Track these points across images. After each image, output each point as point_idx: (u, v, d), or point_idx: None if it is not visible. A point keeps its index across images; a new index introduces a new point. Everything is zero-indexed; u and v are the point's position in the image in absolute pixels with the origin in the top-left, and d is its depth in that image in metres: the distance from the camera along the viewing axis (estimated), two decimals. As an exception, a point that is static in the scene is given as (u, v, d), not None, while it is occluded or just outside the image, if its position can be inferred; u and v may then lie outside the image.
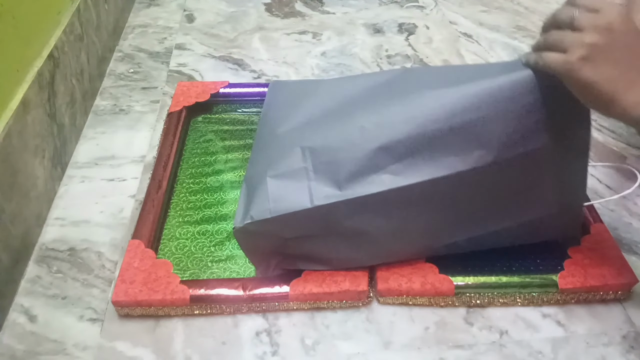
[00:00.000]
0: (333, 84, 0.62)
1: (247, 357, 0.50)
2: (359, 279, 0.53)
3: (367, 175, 0.49)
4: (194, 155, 0.70)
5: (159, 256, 0.57)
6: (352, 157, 0.50)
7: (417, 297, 0.54)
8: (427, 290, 0.53)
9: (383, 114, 0.51)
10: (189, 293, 0.52)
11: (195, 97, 0.75)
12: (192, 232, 0.61)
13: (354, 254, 0.53)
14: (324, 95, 0.59)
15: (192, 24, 0.99)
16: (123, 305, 0.52)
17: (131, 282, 0.52)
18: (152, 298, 0.52)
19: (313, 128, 0.55)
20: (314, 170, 0.51)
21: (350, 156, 0.50)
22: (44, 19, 0.67)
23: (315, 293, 0.53)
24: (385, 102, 0.53)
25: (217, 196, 0.65)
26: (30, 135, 0.60)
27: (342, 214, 0.50)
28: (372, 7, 1.06)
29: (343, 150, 0.50)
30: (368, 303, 0.55)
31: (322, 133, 0.53)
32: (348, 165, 0.49)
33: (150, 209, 0.60)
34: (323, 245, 0.52)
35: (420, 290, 0.53)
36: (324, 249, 0.53)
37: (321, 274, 0.54)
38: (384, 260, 0.55)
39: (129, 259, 0.54)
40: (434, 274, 0.54)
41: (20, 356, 0.50)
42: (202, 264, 0.57)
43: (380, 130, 0.50)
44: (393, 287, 0.53)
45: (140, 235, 0.57)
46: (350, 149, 0.50)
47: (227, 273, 0.56)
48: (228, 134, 0.74)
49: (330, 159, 0.50)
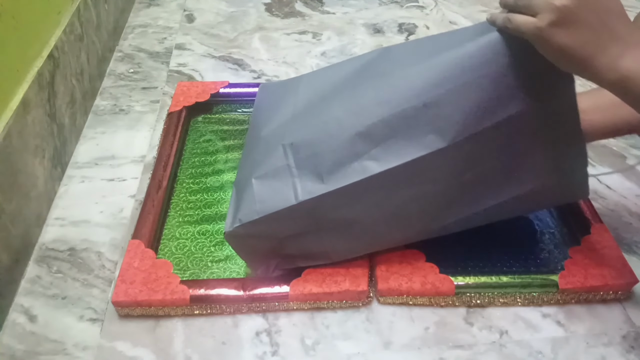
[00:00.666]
0: (312, 77, 0.61)
1: (247, 357, 0.50)
2: (359, 279, 0.53)
3: (349, 165, 0.48)
4: (194, 155, 0.70)
5: (159, 256, 0.57)
6: (331, 148, 0.49)
7: (418, 296, 0.54)
8: (427, 290, 0.53)
9: (357, 100, 0.50)
10: (189, 293, 0.52)
11: (196, 97, 0.75)
12: (192, 232, 0.61)
13: (350, 245, 0.53)
14: (303, 90, 0.59)
15: (192, 24, 0.99)
16: (123, 305, 0.52)
17: (131, 283, 0.52)
18: (152, 298, 0.51)
19: (293, 125, 0.54)
20: (297, 167, 0.50)
21: (330, 148, 0.49)
22: (44, 19, 0.67)
23: (315, 293, 0.53)
24: (360, 88, 0.52)
25: (217, 196, 0.65)
26: (30, 135, 0.60)
27: (329, 206, 0.49)
28: (372, 7, 1.06)
29: (322, 143, 0.50)
30: (368, 303, 0.55)
31: (301, 129, 0.53)
32: (328, 157, 0.49)
33: (150, 209, 0.60)
34: (317, 240, 0.52)
35: (420, 290, 0.53)
36: (319, 244, 0.53)
37: (321, 274, 0.54)
38: (381, 247, 0.55)
39: (129, 259, 0.54)
40: (435, 274, 0.54)
41: (20, 356, 0.50)
42: (202, 264, 0.57)
43: (356, 118, 0.49)
44: (393, 287, 0.53)
45: (140, 235, 0.57)
46: (328, 140, 0.50)
47: (227, 273, 0.56)
48: (228, 134, 0.74)
49: (311, 153, 0.50)
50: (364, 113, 0.49)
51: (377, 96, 0.49)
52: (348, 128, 0.49)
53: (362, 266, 0.55)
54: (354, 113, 0.49)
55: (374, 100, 0.49)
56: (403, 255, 0.56)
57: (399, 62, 0.52)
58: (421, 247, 0.56)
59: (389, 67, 0.52)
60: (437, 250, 0.55)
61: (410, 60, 0.50)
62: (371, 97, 0.49)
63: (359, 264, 0.55)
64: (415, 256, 0.56)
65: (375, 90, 0.50)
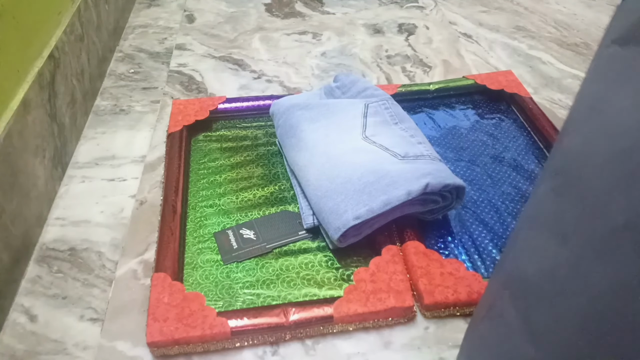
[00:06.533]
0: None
1: (247, 356, 0.50)
2: (404, 295, 0.52)
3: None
4: (201, 176, 0.67)
5: (185, 288, 0.53)
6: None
7: (465, 307, 0.52)
8: (474, 299, 0.52)
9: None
10: (229, 326, 0.49)
11: (194, 115, 0.73)
12: (216, 259, 0.57)
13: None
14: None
15: (192, 25, 0.99)
16: (160, 345, 0.48)
17: (164, 320, 0.49)
18: (190, 335, 0.48)
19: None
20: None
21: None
22: (44, 20, 0.67)
23: (361, 313, 0.51)
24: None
25: (235, 217, 0.62)
26: (30, 135, 0.60)
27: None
28: (372, 7, 1.06)
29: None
30: (412, 318, 0.53)
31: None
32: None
33: (170, 238, 0.56)
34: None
35: (467, 301, 0.52)
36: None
37: (363, 292, 0.52)
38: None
39: (157, 294, 0.51)
40: (479, 282, 0.53)
41: (20, 356, 0.50)
42: (233, 291, 0.54)
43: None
44: (440, 300, 0.52)
45: (165, 267, 0.53)
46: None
47: (261, 299, 0.53)
48: (233, 151, 0.71)
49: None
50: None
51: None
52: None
53: (403, 280, 0.53)
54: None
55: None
56: (442, 265, 0.54)
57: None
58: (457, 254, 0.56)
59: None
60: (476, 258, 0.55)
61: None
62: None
63: (399, 279, 0.53)
64: (455, 265, 0.54)
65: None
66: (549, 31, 0.99)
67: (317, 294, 0.54)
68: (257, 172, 0.68)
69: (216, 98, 0.76)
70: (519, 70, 0.88)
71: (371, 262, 0.55)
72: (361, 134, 0.62)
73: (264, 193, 0.65)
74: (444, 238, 0.60)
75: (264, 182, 0.67)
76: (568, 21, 1.02)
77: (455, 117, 0.77)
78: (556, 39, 0.97)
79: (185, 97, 0.81)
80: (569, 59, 0.91)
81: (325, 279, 0.55)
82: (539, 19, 1.03)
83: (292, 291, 0.54)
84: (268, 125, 0.75)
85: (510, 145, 0.72)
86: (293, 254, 0.58)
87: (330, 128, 0.63)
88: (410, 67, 0.89)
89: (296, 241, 0.59)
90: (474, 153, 0.71)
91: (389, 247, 0.56)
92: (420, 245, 0.56)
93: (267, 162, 0.70)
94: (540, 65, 0.90)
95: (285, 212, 0.63)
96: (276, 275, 0.56)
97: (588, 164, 0.30)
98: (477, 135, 0.74)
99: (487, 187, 0.66)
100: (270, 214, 0.62)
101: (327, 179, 0.57)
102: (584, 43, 0.96)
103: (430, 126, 0.75)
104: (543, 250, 0.33)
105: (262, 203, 0.64)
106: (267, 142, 0.72)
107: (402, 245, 0.57)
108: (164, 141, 0.72)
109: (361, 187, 0.55)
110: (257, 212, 0.63)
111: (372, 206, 0.53)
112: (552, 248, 0.32)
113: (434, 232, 0.60)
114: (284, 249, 0.58)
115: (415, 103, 0.79)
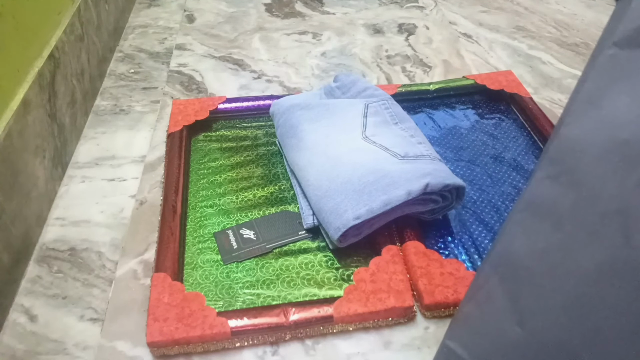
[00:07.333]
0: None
1: (247, 356, 0.50)
2: (404, 295, 0.52)
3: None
4: (201, 176, 0.67)
5: (185, 287, 0.53)
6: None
7: None
8: None
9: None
10: (229, 326, 0.49)
11: (194, 115, 0.73)
12: (215, 259, 0.57)
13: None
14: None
15: (192, 25, 0.99)
16: (160, 345, 0.49)
17: (164, 320, 0.49)
18: (190, 335, 0.48)
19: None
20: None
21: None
22: (44, 19, 0.67)
23: (361, 313, 0.51)
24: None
25: (235, 217, 0.62)
26: (30, 135, 0.60)
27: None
28: (372, 7, 1.06)
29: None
30: (412, 318, 0.53)
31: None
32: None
33: (170, 238, 0.57)
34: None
35: None
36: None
37: (363, 292, 0.52)
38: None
39: (157, 295, 0.51)
40: None
41: (20, 356, 0.50)
42: (233, 291, 0.54)
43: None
44: (440, 300, 0.52)
45: (164, 267, 0.54)
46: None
47: (261, 299, 0.53)
48: (233, 151, 0.71)
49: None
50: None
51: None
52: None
53: (403, 280, 0.53)
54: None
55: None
56: (442, 265, 0.54)
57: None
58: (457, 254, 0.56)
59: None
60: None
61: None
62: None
63: (399, 279, 0.53)
64: (455, 265, 0.54)
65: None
66: (549, 31, 0.99)
67: (317, 294, 0.54)
68: (257, 172, 0.68)
69: (216, 98, 0.76)
70: (519, 70, 0.88)
71: (371, 262, 0.55)
72: (361, 134, 0.62)
73: (264, 193, 0.65)
74: (444, 238, 0.60)
75: (264, 182, 0.67)
76: (568, 21, 1.02)
77: (455, 117, 0.77)
78: (556, 39, 0.97)
79: (185, 97, 0.81)
80: (569, 59, 0.91)
81: (325, 279, 0.55)
82: (539, 19, 1.03)
83: (292, 291, 0.54)
84: (268, 125, 0.75)
85: (510, 145, 0.72)
86: (293, 254, 0.58)
87: (330, 128, 0.63)
88: (410, 67, 0.89)
89: (296, 241, 0.59)
90: (474, 153, 0.71)
91: (389, 247, 0.56)
92: (420, 245, 0.56)
93: (267, 162, 0.70)
94: (540, 65, 0.90)
95: (285, 212, 0.63)
96: (276, 275, 0.56)
97: (585, 154, 0.32)
98: (477, 135, 0.74)
99: (487, 187, 0.66)
100: (270, 214, 0.62)
101: (327, 179, 0.57)
102: (584, 43, 0.96)
103: (430, 126, 0.76)
104: (536, 234, 0.35)
105: (262, 203, 0.64)
106: (267, 142, 0.72)
107: (402, 245, 0.57)
108: (164, 141, 0.72)
109: (361, 187, 0.55)
110: (257, 212, 0.63)
111: (372, 206, 0.53)
112: (546, 231, 0.34)
113: (434, 232, 0.60)
114: (284, 249, 0.58)
115: (415, 103, 0.79)
